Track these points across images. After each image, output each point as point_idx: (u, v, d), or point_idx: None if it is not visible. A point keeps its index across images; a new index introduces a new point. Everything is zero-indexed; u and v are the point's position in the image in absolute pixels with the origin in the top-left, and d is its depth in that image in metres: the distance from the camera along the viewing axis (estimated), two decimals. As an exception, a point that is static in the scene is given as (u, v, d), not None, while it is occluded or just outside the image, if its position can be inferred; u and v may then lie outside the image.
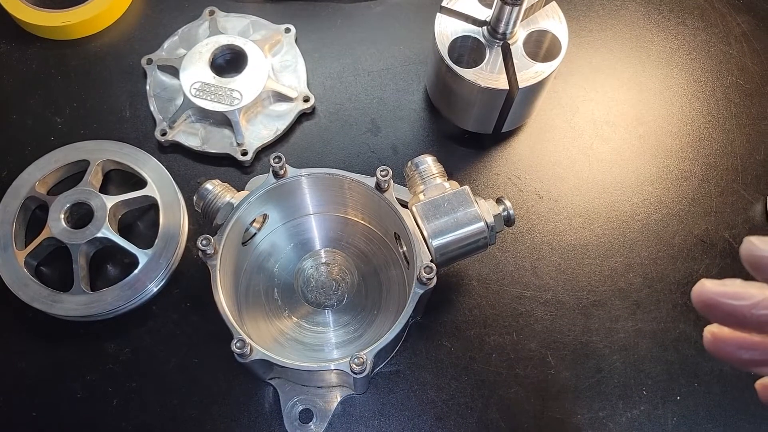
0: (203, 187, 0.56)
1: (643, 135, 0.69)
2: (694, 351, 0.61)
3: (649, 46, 0.74)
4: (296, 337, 0.59)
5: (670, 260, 0.64)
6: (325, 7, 0.75)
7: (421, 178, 0.57)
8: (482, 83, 0.59)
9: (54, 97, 0.70)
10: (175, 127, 0.67)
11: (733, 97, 0.71)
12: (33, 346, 0.61)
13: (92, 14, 0.72)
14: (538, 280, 0.63)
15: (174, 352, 0.61)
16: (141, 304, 0.61)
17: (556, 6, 0.62)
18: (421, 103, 0.71)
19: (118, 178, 0.67)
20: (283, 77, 0.70)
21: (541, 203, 0.66)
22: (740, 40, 0.74)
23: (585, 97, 0.71)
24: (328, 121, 0.70)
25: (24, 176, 0.64)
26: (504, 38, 0.60)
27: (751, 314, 0.33)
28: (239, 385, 0.59)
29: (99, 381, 0.60)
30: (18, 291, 0.60)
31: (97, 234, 0.61)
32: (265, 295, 0.60)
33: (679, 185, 0.67)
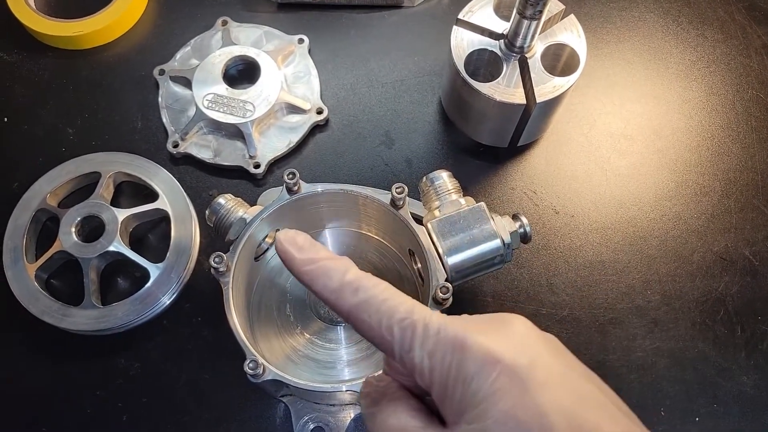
0: (216, 202, 0.56)
1: (662, 149, 0.68)
2: (714, 371, 0.60)
3: (667, 59, 0.72)
4: (308, 354, 0.58)
5: (688, 277, 0.63)
6: (338, 17, 0.74)
7: (436, 193, 0.56)
8: (498, 97, 0.59)
9: (66, 107, 0.70)
10: (187, 139, 0.67)
11: (754, 111, 0.70)
12: (43, 361, 0.60)
13: (104, 24, 0.71)
14: (554, 297, 0.62)
15: (185, 368, 0.60)
16: (152, 318, 0.61)
17: (574, 19, 0.61)
18: (435, 116, 0.70)
19: (130, 190, 0.66)
20: (296, 89, 0.70)
21: (558, 218, 0.65)
22: (761, 52, 0.73)
23: (602, 110, 0.70)
24: (342, 134, 0.69)
25: (35, 188, 0.64)
26: (521, 52, 0.59)
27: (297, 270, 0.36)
28: (250, 402, 0.59)
29: (109, 396, 0.59)
30: (28, 304, 0.59)
31: (109, 248, 0.60)
32: (277, 310, 0.60)
33: (698, 201, 0.66)
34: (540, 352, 0.34)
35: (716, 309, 0.62)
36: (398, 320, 0.34)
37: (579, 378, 0.34)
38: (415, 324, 0.34)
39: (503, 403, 0.32)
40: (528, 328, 0.35)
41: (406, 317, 0.34)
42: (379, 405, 0.37)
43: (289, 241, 0.37)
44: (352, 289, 0.35)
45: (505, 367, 0.32)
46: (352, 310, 0.35)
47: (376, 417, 0.36)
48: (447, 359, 0.33)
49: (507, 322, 0.35)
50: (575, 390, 0.33)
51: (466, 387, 0.33)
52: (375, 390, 0.38)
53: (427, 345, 0.34)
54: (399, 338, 0.34)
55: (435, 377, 0.34)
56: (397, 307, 0.35)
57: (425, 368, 0.34)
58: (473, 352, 0.33)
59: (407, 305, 0.35)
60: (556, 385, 0.33)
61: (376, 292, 0.35)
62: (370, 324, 0.35)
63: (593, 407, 0.33)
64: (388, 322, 0.34)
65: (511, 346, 0.33)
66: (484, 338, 0.33)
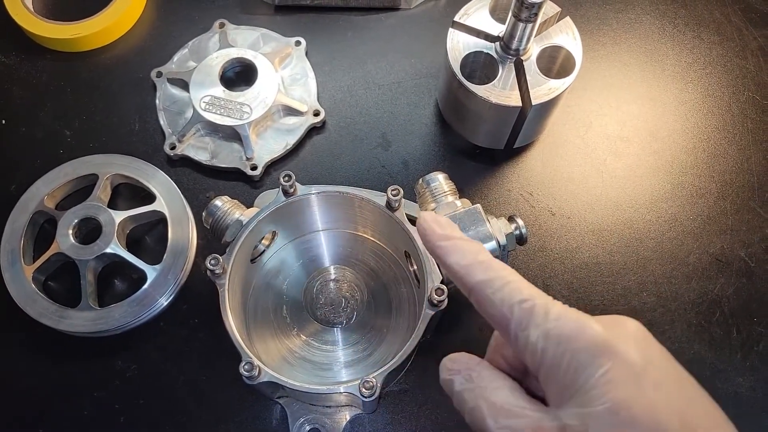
0: (212, 204, 0.56)
1: (658, 151, 0.68)
2: (709, 372, 0.60)
3: (664, 61, 0.73)
4: (305, 356, 0.58)
5: (684, 279, 0.63)
6: (335, 19, 0.74)
7: (432, 195, 0.56)
8: (494, 100, 0.59)
9: (63, 109, 0.70)
10: (184, 141, 0.67)
11: (750, 113, 0.70)
12: (40, 363, 0.61)
13: (102, 27, 0.71)
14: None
15: (182, 369, 0.60)
16: (149, 320, 0.61)
17: (570, 21, 0.61)
18: (432, 118, 0.70)
19: (127, 192, 0.67)
20: (293, 91, 0.70)
21: (554, 220, 0.66)
22: (757, 54, 0.73)
23: (598, 112, 0.70)
24: (339, 136, 0.69)
25: (32, 190, 0.64)
26: (517, 54, 0.60)
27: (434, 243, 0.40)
28: (247, 404, 0.59)
29: (106, 398, 0.59)
30: (26, 306, 0.60)
31: (106, 250, 0.60)
32: (273, 312, 0.60)
33: (694, 202, 0.66)
34: (656, 354, 0.35)
35: (712, 310, 0.62)
36: (519, 300, 0.36)
37: (692, 383, 0.35)
38: (535, 306, 0.36)
39: (616, 394, 0.33)
40: (644, 331, 0.36)
41: (528, 299, 0.36)
42: (477, 382, 0.38)
43: (432, 219, 0.40)
44: (482, 267, 0.38)
45: (621, 360, 0.33)
46: (477, 285, 0.37)
47: (476, 392, 0.37)
48: (563, 342, 0.34)
49: (623, 321, 0.36)
50: (688, 394, 0.34)
51: (579, 372, 0.34)
52: (466, 367, 0.39)
53: (545, 326, 0.35)
54: (518, 316, 0.36)
55: (547, 358, 0.35)
56: (522, 290, 0.37)
57: (539, 348, 0.35)
58: (591, 340, 0.34)
59: (531, 290, 0.37)
60: (671, 387, 0.34)
61: (504, 274, 0.37)
62: (493, 300, 0.37)
63: (705, 413, 0.34)
64: (509, 301, 0.36)
65: (628, 343, 0.34)
66: (602, 330, 0.34)
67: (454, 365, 0.39)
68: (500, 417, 0.36)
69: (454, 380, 0.39)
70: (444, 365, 0.40)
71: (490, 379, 0.38)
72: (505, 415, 0.36)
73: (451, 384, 0.39)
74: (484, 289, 0.37)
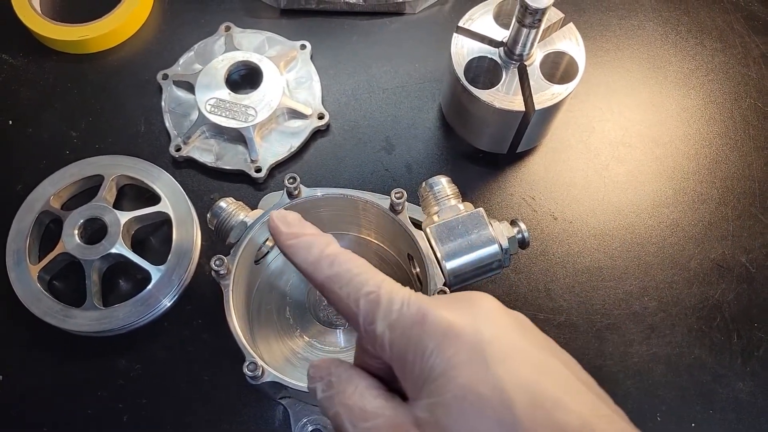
0: (217, 205, 0.56)
1: (660, 157, 0.69)
2: (710, 377, 0.60)
3: (666, 67, 0.73)
4: (308, 357, 0.59)
5: (685, 284, 0.64)
6: (341, 23, 0.75)
7: (435, 199, 0.57)
8: (498, 104, 0.59)
9: (70, 111, 0.71)
10: (189, 143, 0.68)
11: (752, 120, 0.71)
12: (45, 362, 0.61)
13: (109, 29, 0.72)
14: (552, 302, 0.63)
15: (185, 369, 0.61)
16: (153, 320, 0.61)
17: (573, 27, 0.62)
18: (435, 122, 0.70)
19: (132, 193, 0.67)
20: (297, 94, 0.70)
21: (556, 224, 0.66)
22: (759, 61, 0.73)
23: (601, 118, 0.71)
24: (343, 139, 0.70)
25: (39, 190, 0.64)
26: (520, 59, 0.60)
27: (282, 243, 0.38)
28: (250, 404, 0.59)
29: (110, 397, 0.60)
30: (31, 306, 0.60)
31: (111, 250, 0.61)
32: (277, 313, 0.60)
33: (695, 208, 0.67)
34: (504, 328, 0.34)
35: (713, 316, 0.63)
36: (365, 293, 0.35)
37: (542, 353, 0.34)
38: (380, 297, 0.34)
39: (462, 377, 0.32)
40: (494, 305, 0.35)
41: (373, 291, 0.35)
42: (336, 387, 0.36)
43: (280, 217, 0.38)
44: (328, 262, 0.36)
45: (466, 341, 0.32)
46: (325, 281, 0.36)
47: (335, 399, 0.36)
48: (407, 332, 0.33)
49: (474, 299, 0.35)
50: (537, 365, 0.33)
51: (425, 361, 0.33)
52: (327, 373, 0.37)
53: (389, 317, 0.34)
54: (364, 310, 0.34)
55: (395, 351, 0.34)
56: (367, 281, 0.35)
57: (386, 341, 0.34)
58: (434, 325, 0.33)
59: (376, 280, 0.35)
60: (517, 360, 0.32)
61: (350, 267, 0.36)
62: (340, 295, 0.35)
63: (556, 382, 0.32)
64: (355, 295, 0.35)
65: (474, 322, 0.33)
66: (447, 313, 0.33)
67: (317, 372, 0.38)
68: (358, 420, 0.35)
69: (316, 388, 0.37)
70: (308, 373, 0.38)
71: (348, 382, 0.36)
72: (363, 418, 0.34)
73: (314, 392, 0.38)
74: (332, 284, 0.36)
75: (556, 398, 0.31)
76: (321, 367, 0.38)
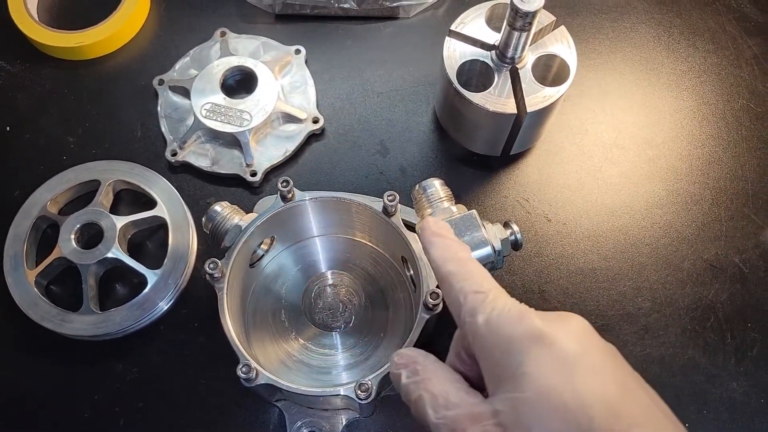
0: (212, 209, 0.57)
1: (653, 158, 0.69)
2: (703, 377, 0.60)
3: (659, 69, 0.73)
4: (303, 360, 0.59)
5: (679, 285, 0.64)
6: (335, 28, 0.76)
7: (428, 201, 0.57)
8: (490, 107, 0.60)
9: (67, 116, 0.71)
10: (185, 148, 0.68)
11: (744, 121, 0.71)
12: (42, 365, 0.61)
13: (105, 35, 0.73)
14: (546, 303, 0.63)
15: (181, 372, 0.61)
16: (149, 323, 0.62)
17: (564, 30, 0.62)
18: (429, 125, 0.71)
19: (129, 197, 0.68)
20: (292, 98, 0.71)
21: (550, 226, 0.66)
22: (751, 63, 0.74)
23: (594, 120, 0.71)
24: (337, 143, 0.70)
25: (36, 196, 0.65)
26: (512, 62, 0.60)
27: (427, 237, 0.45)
28: (245, 407, 0.59)
29: (106, 400, 0.60)
30: (28, 310, 0.60)
31: (107, 254, 0.61)
32: (272, 316, 0.61)
33: (688, 209, 0.67)
34: (594, 348, 0.37)
35: (706, 316, 0.63)
36: (474, 291, 0.39)
37: (628, 378, 0.36)
38: (487, 297, 0.39)
39: (547, 380, 0.34)
40: (587, 327, 0.38)
41: (483, 291, 0.39)
42: (422, 374, 0.40)
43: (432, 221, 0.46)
44: (456, 262, 0.42)
45: (556, 349, 0.35)
46: (446, 275, 0.41)
47: (421, 385, 0.39)
48: (502, 330, 0.37)
49: (568, 317, 0.38)
50: (622, 385, 0.35)
51: (512, 357, 0.35)
52: (412, 361, 0.41)
53: (489, 314, 0.38)
54: (469, 303, 0.39)
55: (486, 343, 0.37)
56: (481, 283, 0.40)
57: (482, 334, 0.37)
58: (528, 329, 0.36)
59: (487, 284, 0.40)
60: (603, 376, 0.35)
61: (473, 270, 0.41)
62: (454, 287, 0.40)
63: (637, 404, 0.35)
64: (466, 290, 0.40)
65: (566, 336, 0.36)
66: (542, 323, 0.36)
67: (402, 360, 0.42)
68: (439, 407, 0.38)
69: (401, 373, 0.41)
70: (392, 360, 0.42)
71: (434, 372, 0.40)
72: (444, 406, 0.38)
73: (399, 377, 0.41)
74: (450, 278, 0.41)
75: (634, 418, 0.34)
76: (408, 356, 0.42)
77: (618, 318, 0.63)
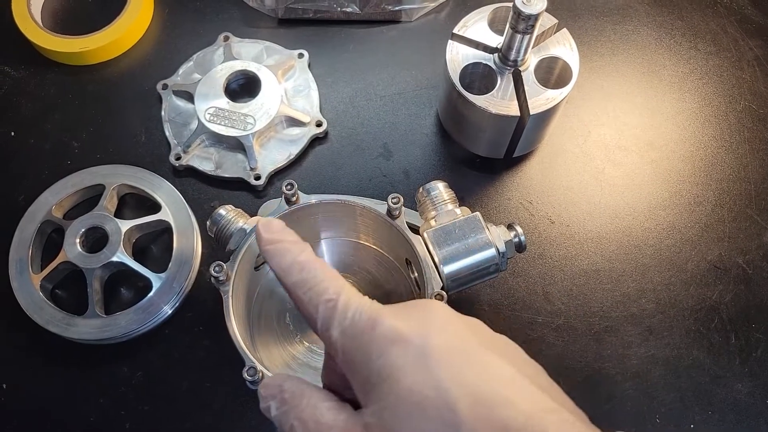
0: (216, 213, 0.57)
1: (656, 160, 0.69)
2: (708, 378, 0.61)
3: (661, 71, 0.74)
4: (308, 362, 0.59)
5: (683, 286, 0.64)
6: (338, 32, 0.76)
7: (432, 204, 0.57)
8: (493, 110, 0.60)
9: (71, 121, 0.72)
10: (189, 152, 0.68)
11: (746, 122, 0.71)
12: (47, 369, 0.62)
13: (109, 40, 0.73)
14: (550, 305, 0.63)
15: (186, 376, 0.61)
16: (154, 327, 0.62)
17: (567, 33, 0.62)
18: (432, 128, 0.71)
19: (133, 201, 0.68)
20: (296, 102, 0.71)
21: (553, 228, 0.66)
22: (753, 64, 0.74)
23: (597, 122, 0.71)
24: (341, 146, 0.70)
25: (41, 200, 0.65)
26: (515, 65, 0.61)
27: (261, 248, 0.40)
28: (251, 410, 0.59)
29: (112, 404, 0.60)
30: (33, 314, 0.61)
31: (112, 258, 0.61)
32: (276, 319, 0.61)
33: (691, 210, 0.67)
34: (451, 333, 0.35)
35: (710, 317, 0.63)
36: (325, 300, 0.36)
37: (488, 354, 0.34)
38: (337, 304, 0.36)
39: (406, 380, 0.32)
40: (445, 312, 0.36)
41: (332, 298, 0.36)
42: (290, 403, 0.37)
43: (264, 224, 0.40)
44: (298, 268, 0.38)
45: (411, 345, 0.33)
46: (292, 286, 0.38)
47: (290, 414, 0.37)
48: (357, 338, 0.34)
49: (425, 307, 0.37)
50: (482, 365, 0.33)
51: (372, 366, 0.34)
52: (279, 390, 0.38)
53: (342, 324, 0.35)
54: (322, 316, 0.36)
55: (346, 356, 0.35)
56: (328, 289, 0.36)
57: (339, 347, 0.35)
58: (382, 332, 0.34)
59: (337, 287, 0.36)
60: (461, 362, 0.33)
61: (317, 274, 0.37)
62: (303, 300, 0.37)
63: (500, 380, 0.33)
64: (316, 300, 0.36)
65: (422, 328, 0.34)
66: (397, 321, 0.34)
67: (268, 391, 0.38)
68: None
69: (270, 406, 0.38)
70: (259, 393, 0.39)
71: (301, 397, 0.37)
72: (317, 430, 0.35)
73: (268, 411, 0.38)
74: (297, 289, 0.37)
75: (498, 396, 0.32)
76: (272, 386, 0.38)
77: (622, 319, 0.63)
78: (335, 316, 0.35)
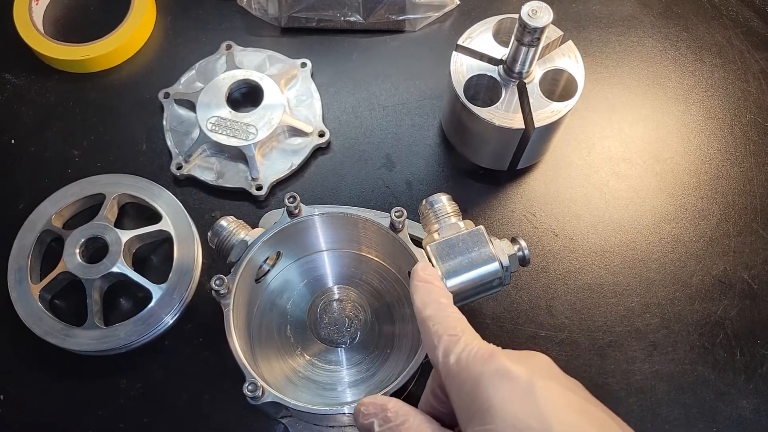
0: (218, 224, 0.56)
1: (660, 172, 0.69)
2: (713, 394, 0.60)
3: (666, 83, 0.73)
4: (309, 376, 0.59)
5: (687, 301, 0.64)
6: (341, 41, 0.75)
7: (435, 216, 0.57)
8: (497, 122, 0.59)
9: (72, 129, 0.71)
10: (190, 161, 0.68)
11: (752, 135, 0.71)
12: (46, 381, 0.61)
13: (111, 48, 0.73)
14: (553, 319, 0.63)
15: (186, 388, 0.61)
16: (154, 338, 0.62)
17: (572, 45, 0.62)
18: (436, 139, 0.71)
19: (134, 211, 0.67)
20: (298, 112, 0.71)
21: (557, 241, 0.66)
22: (758, 77, 0.73)
23: (601, 134, 0.71)
24: (343, 156, 0.70)
25: (40, 209, 0.65)
26: (520, 77, 0.60)
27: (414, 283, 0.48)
28: (251, 423, 0.59)
29: (111, 416, 0.60)
30: (32, 325, 0.60)
31: (112, 269, 0.61)
32: (277, 332, 0.60)
33: (696, 224, 0.67)
34: (556, 380, 0.39)
35: (715, 332, 0.62)
36: (449, 333, 0.42)
37: (589, 404, 0.39)
38: (460, 339, 0.42)
39: (513, 410, 0.37)
40: (550, 363, 0.41)
41: (457, 333, 0.42)
42: (393, 421, 0.42)
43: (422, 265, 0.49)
44: (436, 306, 0.45)
45: (520, 381, 0.38)
46: (426, 318, 0.44)
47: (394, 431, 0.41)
48: (471, 368, 0.40)
49: (533, 355, 0.41)
50: (583, 411, 0.38)
51: (481, 393, 0.38)
52: (381, 409, 0.43)
53: (460, 354, 0.41)
54: (444, 345, 0.42)
55: (456, 381, 0.40)
56: (455, 326, 0.43)
57: (453, 372, 0.40)
58: (495, 365, 0.39)
59: (463, 327, 0.43)
60: (565, 404, 0.38)
61: (450, 314, 0.45)
62: (431, 330, 0.43)
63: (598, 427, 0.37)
64: (442, 331, 0.43)
65: (530, 370, 0.39)
66: (509, 361, 0.39)
67: (370, 409, 0.43)
68: None
69: (373, 422, 0.42)
70: (358, 411, 0.44)
71: (406, 416, 0.42)
72: None
73: (371, 427, 0.43)
74: (428, 321, 0.44)
75: None
76: (375, 404, 0.43)
77: (626, 334, 0.62)
78: (456, 346, 0.41)
